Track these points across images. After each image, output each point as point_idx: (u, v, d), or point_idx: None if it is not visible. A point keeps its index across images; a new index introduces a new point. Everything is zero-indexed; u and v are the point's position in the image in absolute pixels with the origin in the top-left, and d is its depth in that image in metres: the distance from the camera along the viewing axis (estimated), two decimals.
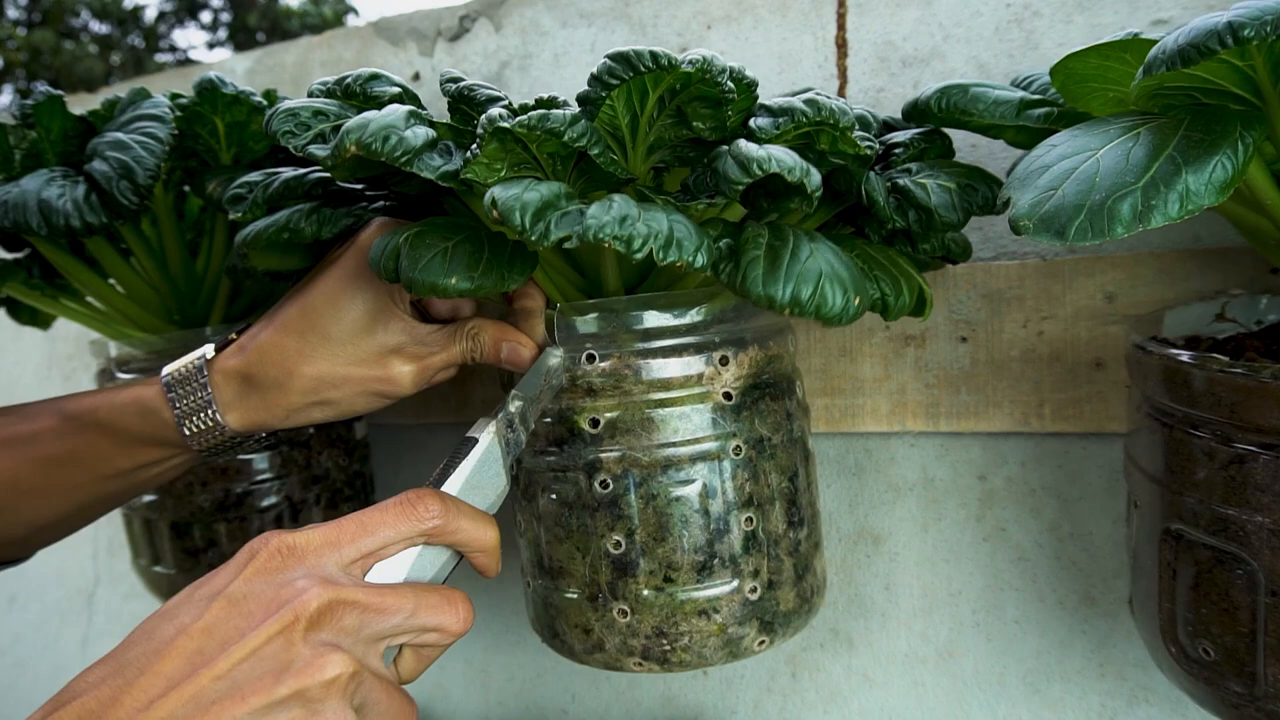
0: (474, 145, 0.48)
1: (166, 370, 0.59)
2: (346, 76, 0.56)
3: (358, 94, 0.56)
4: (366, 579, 0.45)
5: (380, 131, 0.46)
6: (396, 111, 0.48)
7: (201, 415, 0.57)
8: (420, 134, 0.47)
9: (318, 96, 0.56)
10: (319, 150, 0.50)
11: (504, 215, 0.43)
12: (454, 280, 0.48)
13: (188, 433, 0.58)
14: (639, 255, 0.42)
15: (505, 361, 0.56)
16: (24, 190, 0.62)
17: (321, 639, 0.41)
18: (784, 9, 0.76)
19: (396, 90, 0.56)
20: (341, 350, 0.56)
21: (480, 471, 0.50)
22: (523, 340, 0.56)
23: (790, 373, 0.60)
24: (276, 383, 0.57)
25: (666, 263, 0.43)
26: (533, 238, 0.43)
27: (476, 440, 0.51)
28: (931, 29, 0.71)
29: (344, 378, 0.57)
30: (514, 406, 0.53)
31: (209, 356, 0.58)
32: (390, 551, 0.46)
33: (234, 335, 0.60)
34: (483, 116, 0.48)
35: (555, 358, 0.55)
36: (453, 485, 0.49)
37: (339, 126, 0.51)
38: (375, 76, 0.57)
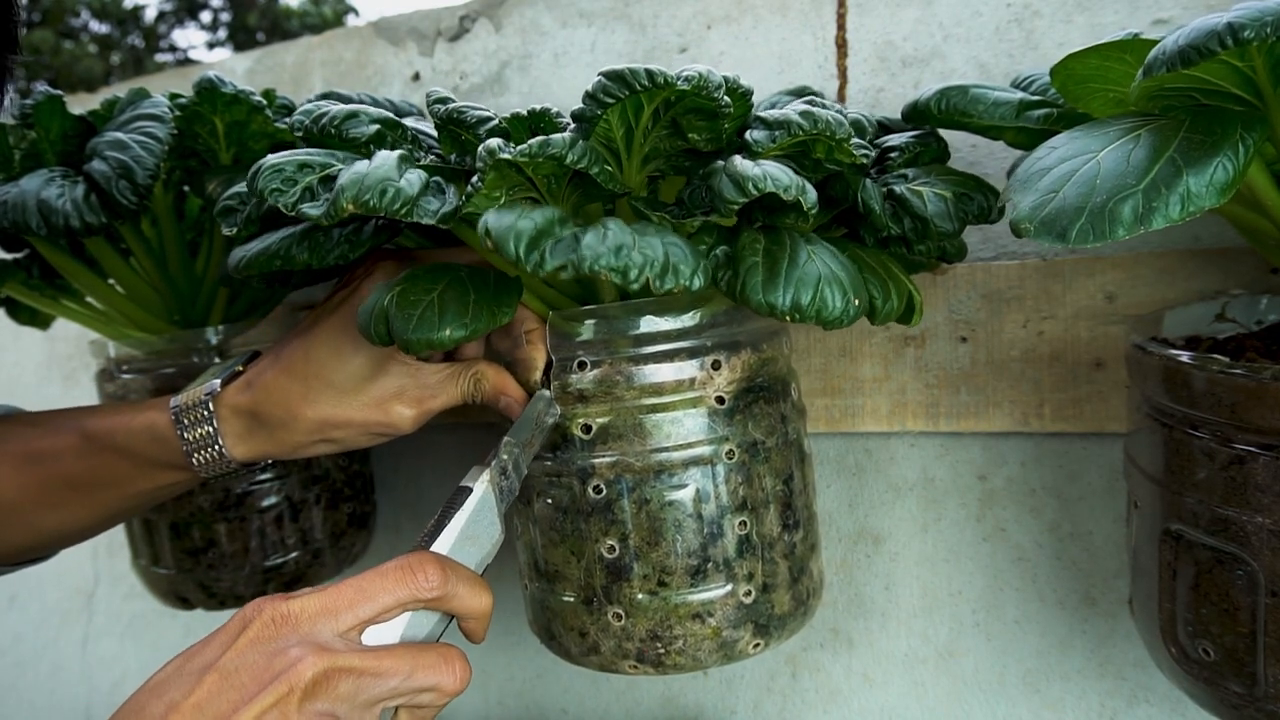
0: (474, 178, 0.48)
1: (175, 401, 0.60)
2: (323, 116, 0.54)
3: (333, 135, 0.54)
4: (362, 640, 0.45)
5: (376, 186, 0.45)
6: (388, 160, 0.48)
7: (209, 449, 0.59)
8: (415, 180, 0.47)
9: (297, 131, 0.55)
10: (311, 209, 0.48)
11: (498, 245, 0.42)
12: (449, 331, 0.48)
13: (196, 463, 0.59)
14: (635, 285, 0.42)
15: (502, 411, 0.57)
16: (23, 190, 0.62)
17: (317, 709, 0.41)
18: (784, 9, 0.76)
19: (375, 129, 0.54)
20: (344, 397, 0.57)
21: (475, 523, 0.50)
22: (520, 398, 0.57)
23: (785, 375, 0.60)
24: (282, 422, 0.58)
25: (664, 290, 0.43)
26: (528, 268, 0.42)
27: (470, 490, 0.51)
28: (931, 29, 0.71)
29: (346, 420, 0.58)
30: (507, 454, 0.53)
31: (215, 391, 0.59)
32: (387, 617, 0.45)
33: (240, 368, 0.61)
34: (481, 149, 0.47)
35: (544, 401, 0.55)
36: (448, 537, 0.49)
37: (326, 177, 0.50)
38: (352, 115, 0.54)
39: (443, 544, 0.49)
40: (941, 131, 0.61)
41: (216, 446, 0.58)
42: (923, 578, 0.75)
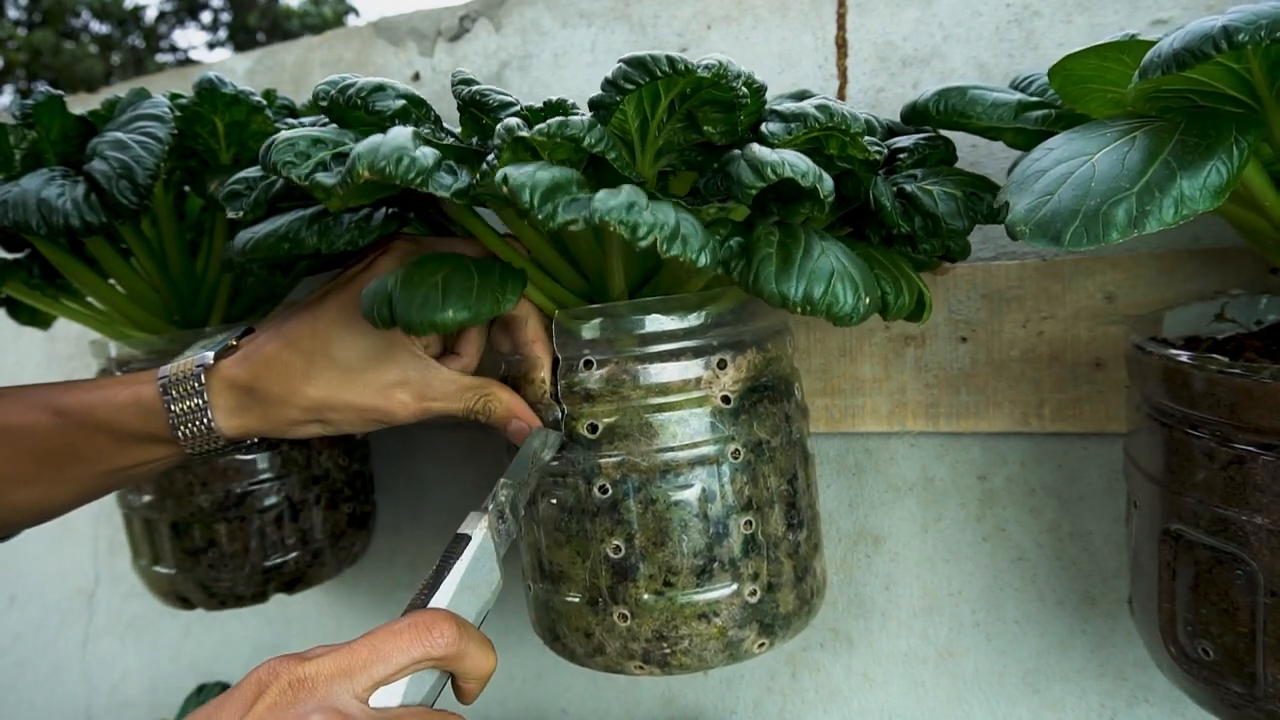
0: (490, 156, 0.47)
1: (163, 371, 0.58)
2: (350, 86, 0.54)
3: (360, 107, 0.54)
4: (370, 701, 0.44)
5: (392, 154, 0.45)
6: (403, 133, 0.48)
7: (197, 422, 0.57)
8: (429, 154, 0.47)
9: (321, 100, 0.55)
10: (326, 179, 0.48)
11: (514, 192, 0.42)
12: (451, 313, 0.48)
13: (181, 437, 0.58)
14: (643, 243, 0.42)
15: (510, 436, 0.57)
16: (24, 190, 0.62)
17: None
18: (784, 9, 0.76)
19: (401, 104, 0.54)
20: (347, 377, 0.56)
21: (474, 572, 0.50)
22: (534, 423, 0.56)
23: (789, 374, 0.60)
24: (279, 398, 0.57)
25: (670, 255, 0.43)
26: (539, 217, 0.42)
27: (469, 537, 0.50)
28: (931, 29, 0.71)
29: (345, 403, 0.57)
30: (504, 495, 0.52)
31: (208, 363, 0.58)
32: (399, 677, 0.45)
33: (234, 342, 0.60)
34: (500, 126, 0.47)
35: (540, 438, 0.55)
36: (448, 589, 0.49)
37: (339, 154, 0.50)
38: (379, 89, 0.54)
39: (443, 596, 0.48)
40: (942, 132, 0.61)
41: (205, 420, 0.57)
42: (923, 578, 0.75)
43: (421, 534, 0.98)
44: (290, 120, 0.74)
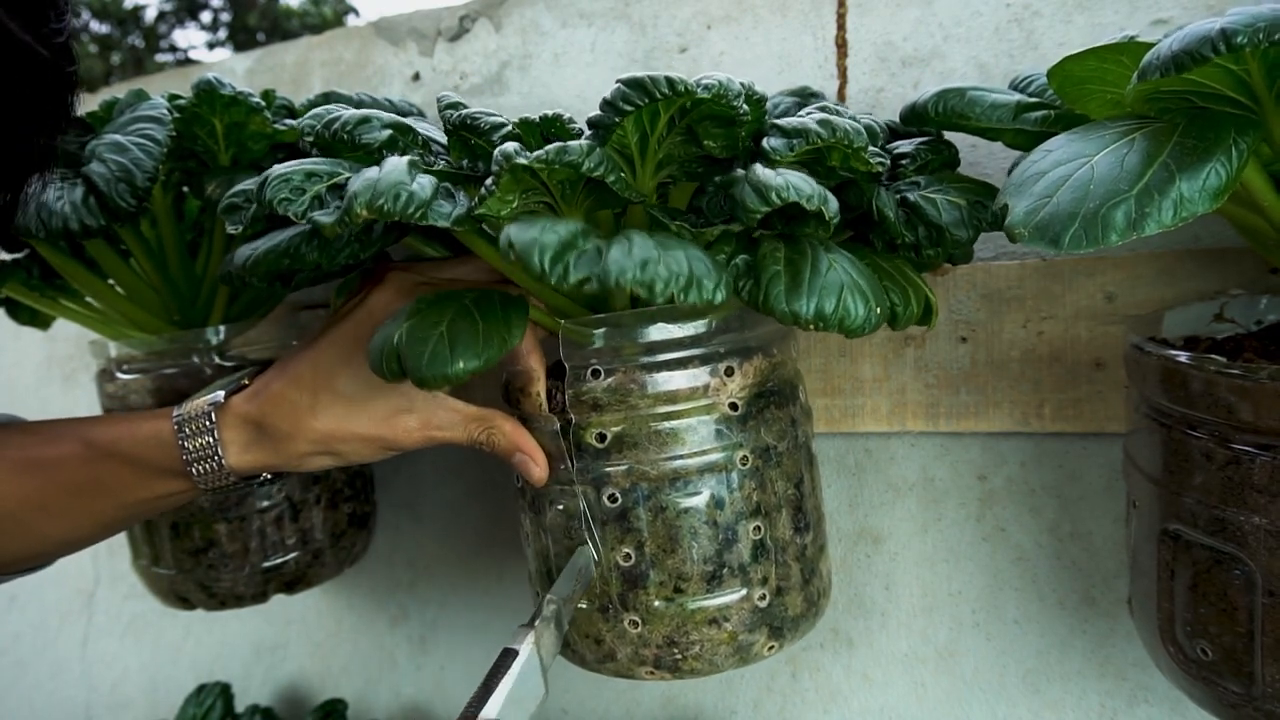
0: (489, 181, 0.47)
1: (178, 411, 0.60)
2: (335, 121, 0.54)
3: (346, 142, 0.54)
4: None
5: (390, 190, 0.45)
6: (399, 165, 0.48)
7: (209, 460, 0.59)
8: (426, 184, 0.47)
9: (307, 136, 0.55)
10: (323, 217, 0.48)
11: (523, 258, 0.42)
12: (462, 364, 0.48)
13: (195, 474, 0.59)
14: (660, 298, 0.42)
15: (515, 468, 0.58)
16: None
17: None
18: (784, 9, 0.76)
19: (388, 134, 0.54)
20: (352, 409, 0.57)
21: (521, 685, 0.51)
22: (538, 459, 0.57)
23: (793, 378, 0.60)
24: (287, 434, 0.58)
25: (688, 304, 0.43)
26: (552, 280, 0.42)
27: (516, 652, 0.51)
28: (931, 29, 0.71)
29: (352, 434, 0.57)
30: (549, 611, 0.53)
31: (220, 402, 0.59)
32: None
33: (246, 381, 0.61)
34: (497, 152, 0.47)
35: (586, 556, 0.56)
36: (495, 702, 0.50)
37: (334, 185, 0.50)
38: (364, 121, 0.54)
39: (491, 709, 0.49)
40: (944, 134, 0.61)
41: (216, 458, 0.58)
42: (923, 578, 0.75)
43: (421, 534, 0.98)
44: (289, 121, 0.74)
